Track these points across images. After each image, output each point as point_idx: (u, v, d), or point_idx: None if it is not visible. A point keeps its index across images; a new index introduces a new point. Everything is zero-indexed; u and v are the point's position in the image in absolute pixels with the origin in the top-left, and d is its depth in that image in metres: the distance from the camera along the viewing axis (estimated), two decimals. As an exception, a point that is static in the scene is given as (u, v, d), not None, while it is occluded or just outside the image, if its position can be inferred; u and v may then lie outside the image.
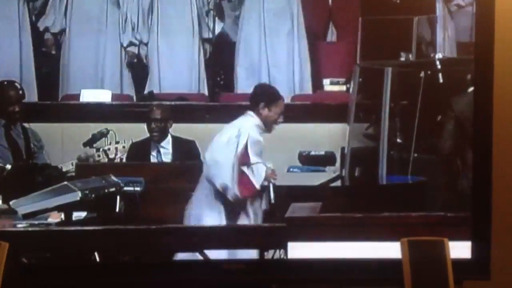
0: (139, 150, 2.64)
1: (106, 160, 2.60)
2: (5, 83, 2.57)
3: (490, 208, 2.38)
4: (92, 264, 2.46)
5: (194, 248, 2.45)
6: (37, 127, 2.61)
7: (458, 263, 2.23)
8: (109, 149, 2.59)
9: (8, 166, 2.54)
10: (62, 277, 2.40)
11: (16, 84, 2.58)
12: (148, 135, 2.64)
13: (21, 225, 2.49)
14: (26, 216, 2.48)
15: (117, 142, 2.59)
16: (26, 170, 2.56)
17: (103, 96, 2.72)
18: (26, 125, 2.58)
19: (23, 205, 2.48)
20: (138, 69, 2.91)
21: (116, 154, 2.60)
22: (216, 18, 2.88)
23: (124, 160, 2.61)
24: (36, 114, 2.66)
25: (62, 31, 2.88)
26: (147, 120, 2.64)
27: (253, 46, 2.91)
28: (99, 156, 2.59)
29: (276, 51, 2.91)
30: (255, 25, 2.89)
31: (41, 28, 2.87)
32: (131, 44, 2.90)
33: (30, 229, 2.48)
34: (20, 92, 2.57)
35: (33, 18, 2.86)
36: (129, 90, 2.91)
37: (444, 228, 2.35)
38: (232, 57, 2.89)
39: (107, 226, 2.48)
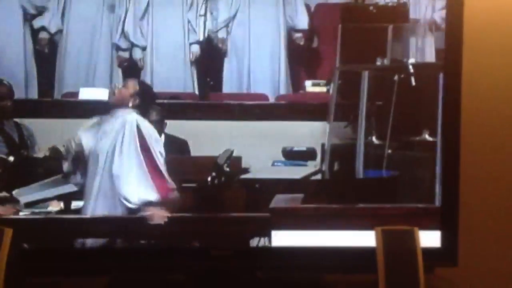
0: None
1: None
2: None
3: (458, 200, 2.42)
4: (86, 249, 2.46)
5: (185, 236, 2.47)
6: (38, 123, 2.60)
7: (428, 251, 2.26)
8: None
9: (11, 158, 2.53)
10: (60, 261, 2.40)
11: (5, 82, 2.56)
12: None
13: (23, 213, 2.49)
14: (28, 205, 2.48)
15: None
16: (27, 161, 2.55)
17: (100, 94, 2.72)
18: (17, 120, 2.57)
19: (25, 194, 2.48)
20: (129, 69, 2.90)
21: None
22: (207, 23, 2.89)
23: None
24: (37, 110, 2.66)
25: (59, 31, 2.86)
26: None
27: (239, 50, 2.92)
28: None
29: (261, 54, 2.93)
30: (243, 30, 2.91)
31: (35, 26, 2.84)
32: (122, 48, 2.89)
33: (31, 217, 2.48)
34: (10, 88, 2.55)
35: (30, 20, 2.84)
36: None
37: (416, 219, 2.38)
38: (221, 59, 2.91)
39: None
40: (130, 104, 2.52)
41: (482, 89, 2.67)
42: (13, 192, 2.49)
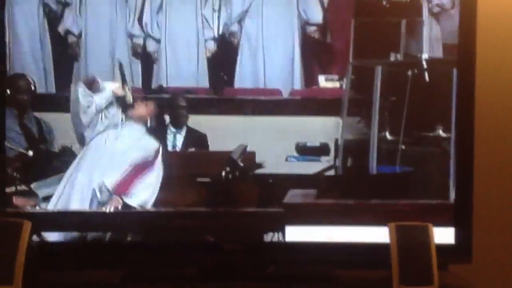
0: (159, 125, 2.64)
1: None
2: (16, 75, 2.56)
3: (472, 196, 2.41)
4: (100, 243, 2.48)
5: (198, 230, 2.47)
6: (57, 116, 2.61)
7: (442, 247, 2.25)
8: None
9: (30, 153, 2.55)
10: (74, 255, 2.42)
11: (27, 77, 2.58)
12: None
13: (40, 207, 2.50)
14: (45, 198, 2.50)
15: None
16: (46, 156, 2.57)
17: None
18: (37, 115, 2.58)
19: (43, 188, 2.50)
20: (144, 62, 2.90)
21: None
22: (221, 17, 2.88)
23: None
24: (55, 104, 2.66)
25: (80, 31, 2.86)
26: (173, 106, 2.65)
27: (252, 44, 2.92)
28: None
29: (275, 48, 2.92)
30: (257, 24, 2.90)
31: (63, 32, 2.83)
32: (136, 35, 2.88)
33: (49, 210, 2.49)
34: (31, 83, 2.57)
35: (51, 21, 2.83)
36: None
37: (430, 215, 2.38)
38: (234, 54, 2.90)
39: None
40: (148, 124, 2.56)
41: (496, 84, 2.66)
42: (32, 186, 2.50)
